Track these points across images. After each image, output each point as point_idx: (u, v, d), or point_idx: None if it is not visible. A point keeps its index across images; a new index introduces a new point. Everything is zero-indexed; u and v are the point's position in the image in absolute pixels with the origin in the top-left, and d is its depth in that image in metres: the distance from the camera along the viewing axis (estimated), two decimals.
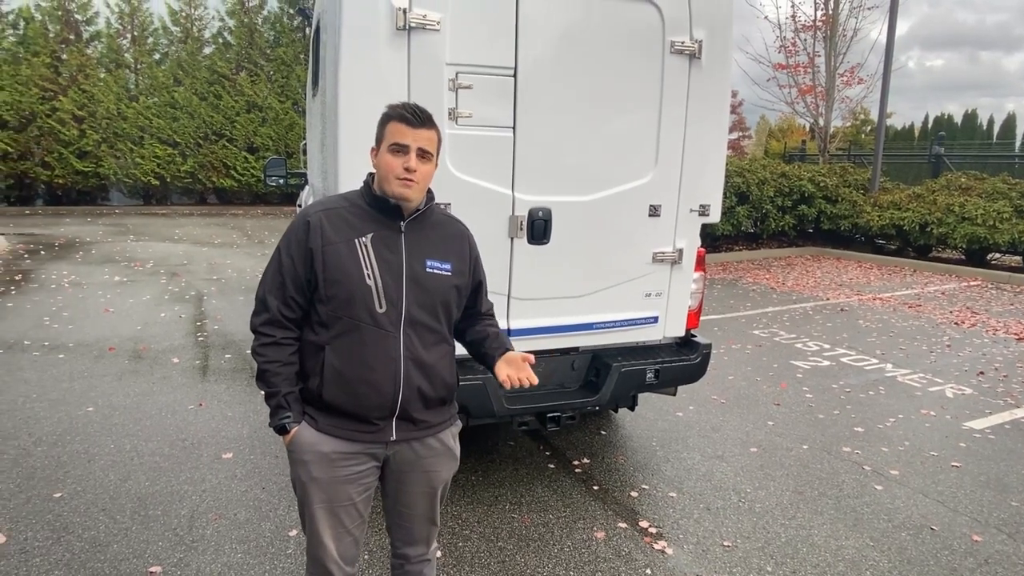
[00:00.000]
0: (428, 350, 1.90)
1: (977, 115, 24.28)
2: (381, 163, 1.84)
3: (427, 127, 1.83)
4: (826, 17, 15.39)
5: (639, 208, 3.34)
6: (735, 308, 8.29)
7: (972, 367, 6.01)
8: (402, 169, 1.80)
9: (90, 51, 17.74)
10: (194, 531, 3.08)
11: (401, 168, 1.80)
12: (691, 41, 3.22)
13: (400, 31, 2.75)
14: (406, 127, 1.81)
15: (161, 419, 4.34)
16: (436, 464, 2.00)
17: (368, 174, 1.94)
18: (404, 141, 1.80)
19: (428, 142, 1.83)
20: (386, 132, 1.84)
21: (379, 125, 1.87)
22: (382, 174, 1.84)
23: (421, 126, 1.82)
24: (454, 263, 1.94)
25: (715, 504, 3.51)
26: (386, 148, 1.83)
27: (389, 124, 1.83)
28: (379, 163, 1.85)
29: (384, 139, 1.84)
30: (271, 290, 1.87)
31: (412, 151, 1.80)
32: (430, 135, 1.84)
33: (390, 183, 1.82)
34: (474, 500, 3.45)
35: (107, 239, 12.40)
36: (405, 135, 1.80)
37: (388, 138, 1.82)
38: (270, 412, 1.89)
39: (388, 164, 1.82)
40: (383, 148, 1.84)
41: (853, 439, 4.38)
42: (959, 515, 3.46)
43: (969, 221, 11.11)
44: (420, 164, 1.82)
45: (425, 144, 1.82)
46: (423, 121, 1.82)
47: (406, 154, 1.80)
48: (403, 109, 1.83)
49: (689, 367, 3.56)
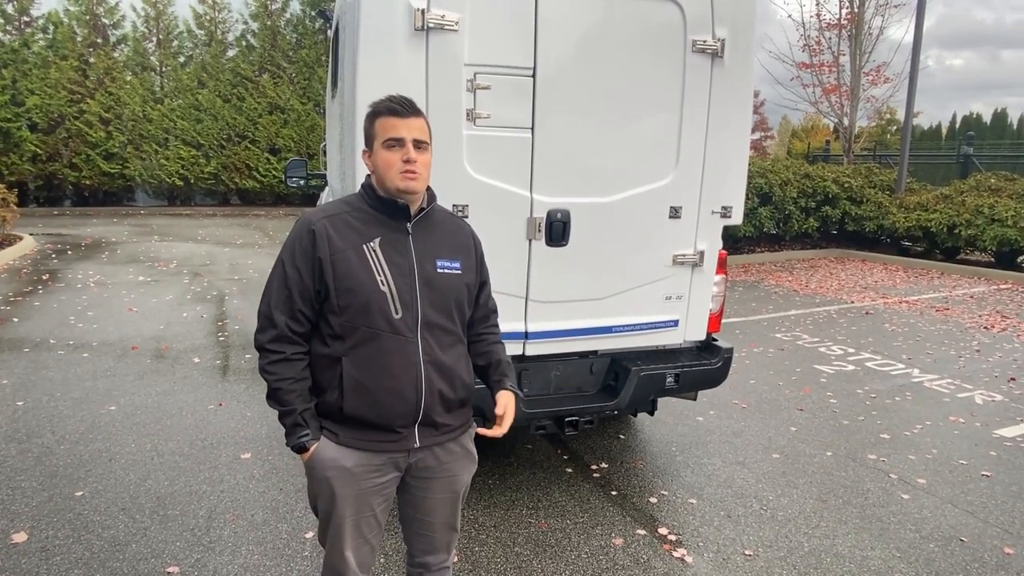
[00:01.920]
0: (446, 352, 1.86)
1: (1007, 114, 23.78)
2: (379, 161, 1.79)
3: (416, 116, 1.79)
4: (851, 15, 15.15)
5: (659, 210, 3.28)
6: (757, 311, 8.18)
7: (1003, 373, 5.86)
8: (402, 162, 1.75)
9: (116, 54, 18.05)
10: (212, 532, 3.09)
11: (401, 162, 1.75)
12: (713, 40, 3.16)
13: (418, 31, 2.73)
14: (397, 119, 1.76)
15: (181, 418, 4.37)
16: (457, 468, 1.97)
17: (366, 177, 1.89)
18: (398, 134, 1.75)
19: (420, 131, 1.79)
20: (376, 129, 1.79)
21: (367, 124, 1.83)
22: (382, 172, 1.79)
23: (411, 115, 1.77)
24: (463, 261, 1.91)
25: (736, 511, 3.45)
26: (380, 145, 1.78)
27: (378, 120, 1.78)
28: (376, 162, 1.80)
29: (376, 136, 1.79)
30: (277, 305, 1.81)
31: (408, 142, 1.75)
32: (420, 124, 1.80)
33: (392, 179, 1.77)
34: (491, 504, 3.43)
35: (132, 239, 12.58)
36: (398, 128, 1.75)
37: (380, 134, 1.78)
38: (286, 431, 1.82)
39: (386, 160, 1.77)
40: (377, 146, 1.79)
41: (879, 446, 4.28)
42: (990, 526, 3.35)
43: (999, 223, 10.84)
44: (418, 154, 1.77)
45: (418, 134, 1.78)
46: (412, 110, 1.78)
47: (403, 146, 1.75)
48: (389, 102, 1.78)
49: (710, 372, 3.50)
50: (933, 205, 11.93)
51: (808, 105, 16.43)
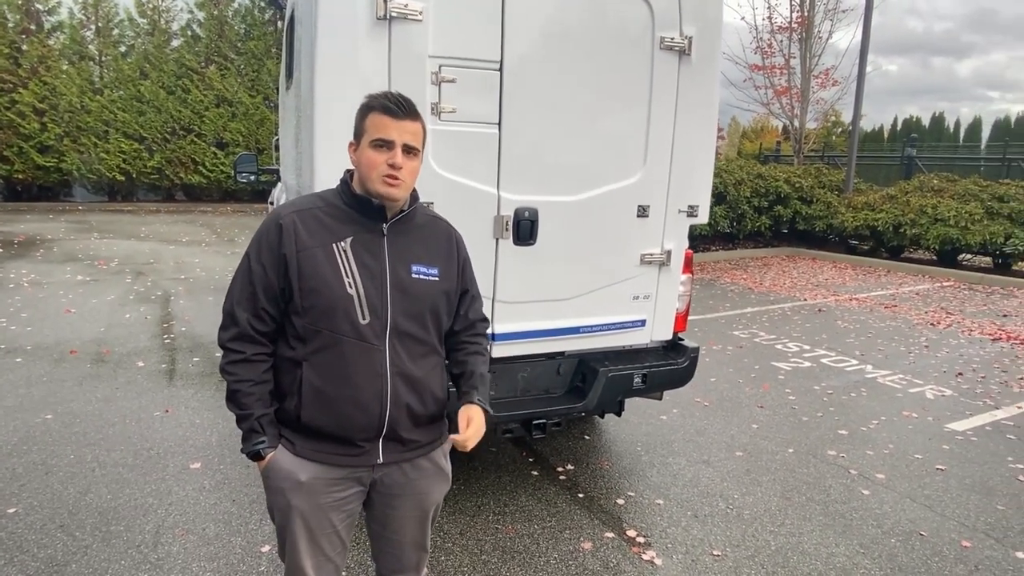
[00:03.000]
0: (416, 363, 1.74)
1: (944, 118, 24.77)
2: (362, 160, 1.67)
3: (412, 118, 1.67)
4: (801, 19, 15.52)
5: (627, 208, 3.24)
6: (714, 308, 8.27)
7: (950, 368, 6.05)
8: (386, 166, 1.64)
9: (52, 42, 17.12)
10: (159, 548, 2.91)
11: (385, 165, 1.64)
12: (681, 37, 3.13)
13: (380, 21, 2.61)
14: (390, 119, 1.64)
15: (125, 427, 4.13)
16: (427, 486, 1.85)
17: (346, 171, 1.77)
18: (388, 136, 1.64)
19: (413, 136, 1.67)
20: (367, 125, 1.67)
21: (358, 117, 1.70)
22: (364, 172, 1.68)
23: (406, 117, 1.65)
24: (441, 267, 1.79)
25: (703, 511, 3.44)
26: (367, 143, 1.66)
27: (370, 116, 1.66)
28: (360, 160, 1.69)
29: (365, 133, 1.67)
30: (240, 302, 1.69)
31: (397, 146, 1.64)
32: (415, 128, 1.68)
33: (373, 182, 1.66)
34: (456, 510, 3.33)
35: (70, 236, 11.98)
36: (389, 128, 1.64)
37: (370, 132, 1.66)
38: (242, 436, 1.72)
39: (370, 161, 1.65)
40: (364, 143, 1.67)
41: (838, 442, 4.35)
42: (947, 520, 3.42)
43: (942, 222, 11.26)
44: (406, 160, 1.65)
45: (410, 139, 1.66)
46: (408, 112, 1.66)
47: (391, 150, 1.64)
48: (385, 99, 1.65)
49: (677, 371, 3.47)
50: (879, 205, 12.31)
51: (760, 106, 16.78)
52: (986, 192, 11.38)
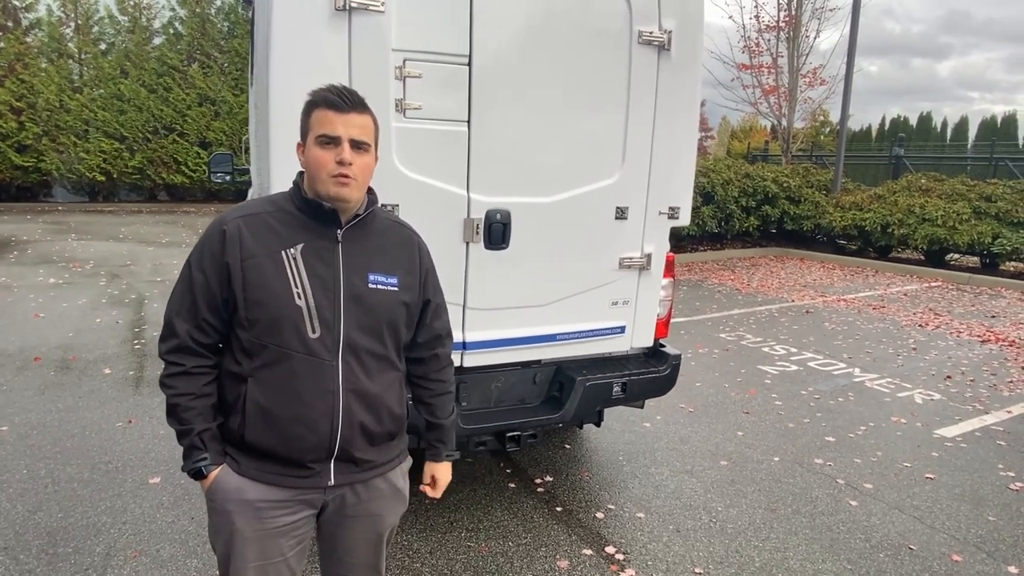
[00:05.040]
0: (372, 379, 1.62)
1: (931, 117, 24.80)
2: (309, 159, 1.55)
3: (359, 111, 1.54)
4: (789, 18, 15.47)
5: (605, 210, 3.09)
6: (701, 310, 8.16)
7: (939, 371, 5.95)
8: (334, 164, 1.51)
9: (30, 39, 16.80)
10: (109, 572, 2.74)
11: (333, 163, 1.51)
12: (660, 32, 2.99)
13: (340, 11, 2.45)
14: (334, 113, 1.51)
15: (84, 439, 3.95)
16: (381, 507, 1.73)
17: (298, 173, 1.64)
18: (333, 131, 1.51)
19: (362, 130, 1.54)
20: (311, 122, 1.54)
21: (303, 114, 1.58)
22: (312, 172, 1.55)
23: (352, 110, 1.53)
24: (401, 276, 1.66)
25: (685, 525, 3.30)
26: (313, 140, 1.53)
27: (314, 112, 1.54)
28: (307, 160, 1.56)
29: (310, 130, 1.54)
30: (179, 312, 1.58)
31: (344, 142, 1.51)
32: (364, 121, 1.55)
33: (322, 182, 1.53)
34: (427, 527, 3.18)
35: (46, 238, 11.71)
36: (334, 123, 1.51)
37: (314, 128, 1.53)
38: (183, 453, 1.59)
39: (317, 160, 1.52)
40: (310, 141, 1.54)
41: (825, 450, 4.23)
42: (937, 532, 3.31)
43: (929, 222, 11.21)
44: (355, 156, 1.53)
45: (358, 133, 1.53)
46: (354, 105, 1.53)
47: (337, 146, 1.51)
48: (328, 92, 1.53)
49: (658, 379, 3.34)
50: (867, 205, 12.25)
51: (748, 106, 16.72)
52: (973, 192, 11.34)
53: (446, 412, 1.85)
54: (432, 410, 1.84)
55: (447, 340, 1.85)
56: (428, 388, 1.83)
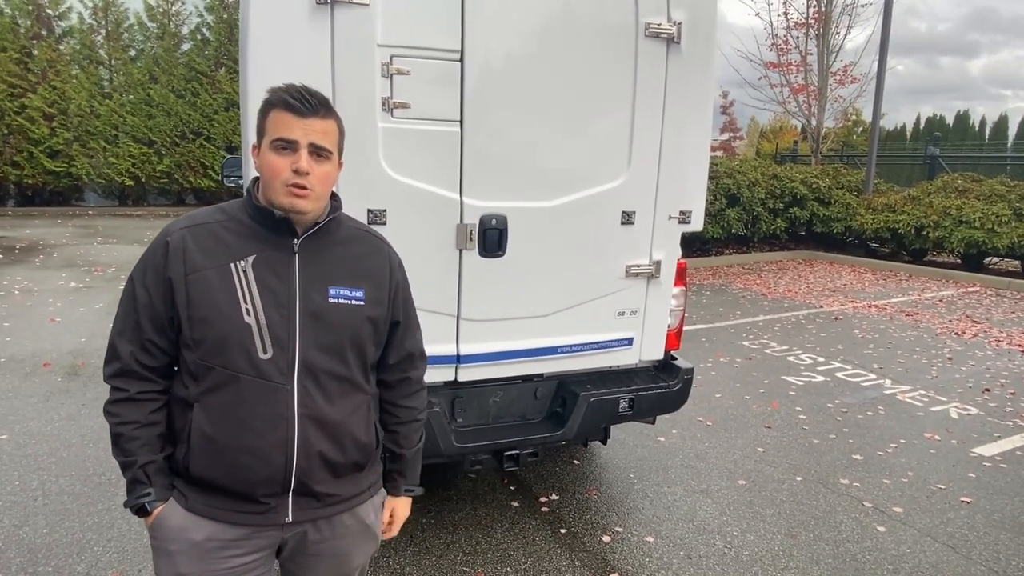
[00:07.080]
0: (333, 403, 1.47)
1: (969, 116, 23.97)
2: (263, 164, 1.41)
3: (321, 115, 1.40)
4: (819, 14, 15.03)
5: (610, 215, 2.90)
6: (724, 316, 7.88)
7: (976, 383, 5.61)
8: (290, 172, 1.37)
9: (62, 47, 17.14)
10: None
11: (289, 171, 1.37)
12: (668, 23, 2.79)
13: (321, 6, 2.31)
14: (292, 116, 1.37)
15: (81, 449, 3.87)
16: (348, 546, 1.58)
17: (253, 178, 1.49)
18: (291, 135, 1.37)
19: (323, 135, 1.40)
20: (267, 124, 1.40)
21: (259, 114, 1.43)
22: (265, 178, 1.41)
23: (312, 114, 1.38)
24: (368, 289, 1.50)
25: (697, 551, 3.09)
26: (268, 144, 1.39)
27: (271, 113, 1.40)
28: (261, 164, 1.42)
29: (266, 133, 1.40)
30: (122, 332, 1.44)
31: (302, 148, 1.37)
32: (326, 126, 1.41)
33: (275, 191, 1.39)
34: (421, 549, 3.01)
35: (73, 241, 11.87)
36: (291, 127, 1.37)
37: (270, 131, 1.39)
38: (126, 487, 1.46)
39: (272, 166, 1.38)
40: (265, 144, 1.40)
41: (851, 468, 3.97)
42: (973, 564, 3.04)
43: (967, 224, 10.73)
44: (314, 164, 1.38)
45: (319, 138, 1.39)
46: (315, 108, 1.39)
47: (295, 152, 1.37)
48: (287, 93, 1.39)
49: (668, 395, 3.13)
50: (901, 206, 11.81)
51: (776, 105, 16.30)
52: (1014, 192, 10.82)
53: (412, 442, 1.69)
54: (396, 439, 1.68)
55: (419, 361, 1.69)
56: (395, 415, 1.67)
